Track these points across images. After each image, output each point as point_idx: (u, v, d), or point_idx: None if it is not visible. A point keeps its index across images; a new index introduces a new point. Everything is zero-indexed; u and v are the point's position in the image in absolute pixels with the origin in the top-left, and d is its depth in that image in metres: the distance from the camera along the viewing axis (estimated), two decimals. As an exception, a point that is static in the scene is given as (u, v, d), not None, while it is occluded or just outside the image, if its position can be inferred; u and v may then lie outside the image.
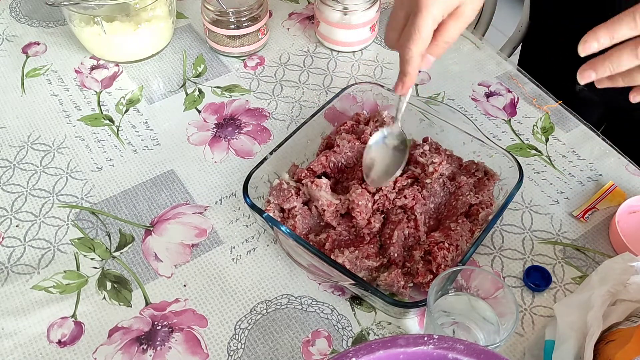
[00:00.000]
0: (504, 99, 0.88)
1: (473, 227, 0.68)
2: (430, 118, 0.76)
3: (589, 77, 0.56)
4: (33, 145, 0.81)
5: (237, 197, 0.76)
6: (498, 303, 0.58)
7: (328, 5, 0.89)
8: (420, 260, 0.66)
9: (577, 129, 0.84)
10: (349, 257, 0.64)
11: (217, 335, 0.64)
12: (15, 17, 0.99)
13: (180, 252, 0.70)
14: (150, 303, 0.66)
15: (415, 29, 0.56)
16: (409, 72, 0.60)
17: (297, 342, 0.64)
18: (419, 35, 0.56)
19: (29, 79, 0.90)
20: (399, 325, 0.66)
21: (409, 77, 0.60)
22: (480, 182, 0.72)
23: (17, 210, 0.74)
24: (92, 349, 0.63)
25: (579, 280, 0.69)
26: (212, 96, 0.88)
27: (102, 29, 0.86)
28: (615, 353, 0.53)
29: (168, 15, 0.90)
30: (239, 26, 0.89)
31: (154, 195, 0.76)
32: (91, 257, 0.70)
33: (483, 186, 0.71)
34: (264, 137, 0.83)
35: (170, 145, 0.82)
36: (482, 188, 0.71)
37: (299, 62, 0.93)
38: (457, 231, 0.67)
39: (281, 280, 0.68)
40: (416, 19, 0.56)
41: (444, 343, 0.43)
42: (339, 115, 0.79)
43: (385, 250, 0.67)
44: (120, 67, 0.92)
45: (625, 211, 0.72)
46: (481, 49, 0.96)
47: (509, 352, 0.64)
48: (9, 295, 0.67)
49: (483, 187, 0.71)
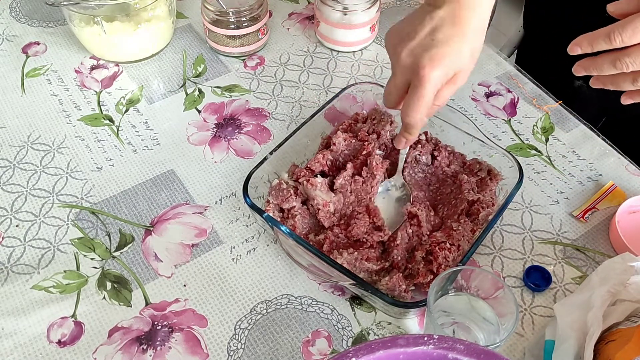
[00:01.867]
0: (504, 99, 0.88)
1: (474, 227, 0.68)
2: (430, 118, 0.76)
3: (579, 72, 0.61)
4: (33, 145, 0.81)
5: (237, 197, 0.76)
6: (498, 303, 0.58)
7: (328, 5, 0.89)
8: (422, 261, 0.66)
9: (577, 129, 0.84)
10: (348, 259, 0.64)
11: (217, 335, 0.64)
12: (15, 17, 0.99)
13: (180, 252, 0.70)
14: (150, 303, 0.66)
15: (419, 99, 0.60)
16: (413, 134, 0.65)
17: (297, 342, 0.64)
18: (422, 104, 0.60)
19: (29, 79, 0.90)
20: (399, 325, 0.66)
21: (413, 137, 0.66)
22: (483, 182, 0.72)
23: (17, 210, 0.74)
24: (92, 349, 0.63)
25: (579, 280, 0.69)
26: (212, 96, 0.88)
27: (102, 29, 0.86)
28: (615, 353, 0.53)
29: (168, 15, 0.90)
30: (239, 26, 0.89)
31: (154, 195, 0.76)
32: (91, 257, 0.70)
33: (485, 186, 0.71)
34: (264, 137, 0.83)
35: (170, 145, 0.82)
36: (484, 188, 0.71)
37: (299, 62, 0.93)
38: (459, 231, 0.67)
39: (281, 280, 0.68)
40: (420, 90, 0.59)
41: (444, 343, 0.43)
42: (339, 115, 0.79)
43: (388, 253, 0.67)
44: (120, 67, 0.92)
45: (625, 211, 0.72)
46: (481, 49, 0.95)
47: (509, 352, 0.64)
48: (9, 295, 0.67)
49: (485, 187, 0.71)
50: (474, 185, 0.71)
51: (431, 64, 0.58)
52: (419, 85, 0.59)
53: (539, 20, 1.05)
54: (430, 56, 0.58)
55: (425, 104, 0.60)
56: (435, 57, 0.58)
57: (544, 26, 1.02)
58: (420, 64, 0.58)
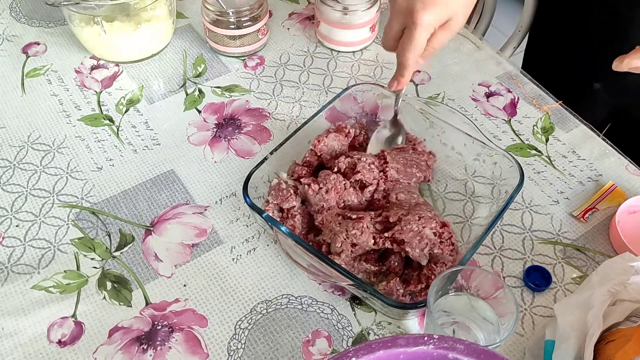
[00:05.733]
0: (504, 99, 0.88)
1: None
2: (430, 119, 0.76)
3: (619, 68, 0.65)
4: (33, 145, 0.81)
5: (237, 197, 0.76)
6: (498, 303, 0.58)
7: (328, 5, 0.89)
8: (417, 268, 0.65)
9: (577, 129, 0.84)
10: (345, 260, 0.64)
11: (217, 335, 0.64)
12: (15, 17, 0.99)
13: (180, 252, 0.70)
14: (150, 303, 0.66)
15: (412, 41, 0.65)
16: (405, 75, 0.69)
17: (297, 342, 0.64)
18: (415, 46, 0.65)
19: (29, 79, 0.90)
20: (399, 325, 0.66)
21: (405, 78, 0.70)
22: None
23: (17, 210, 0.74)
24: (92, 349, 0.63)
25: (579, 280, 0.69)
26: (212, 96, 0.88)
27: (102, 29, 0.86)
28: (615, 353, 0.53)
29: (168, 15, 0.90)
30: (239, 26, 0.89)
31: (154, 195, 0.76)
32: (91, 257, 0.70)
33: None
34: (264, 137, 0.83)
35: (171, 145, 0.82)
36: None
37: (299, 62, 0.93)
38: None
39: (281, 280, 0.68)
40: (412, 32, 0.64)
41: (444, 343, 0.43)
42: (339, 116, 0.79)
43: (385, 258, 0.67)
44: (120, 67, 0.92)
45: (625, 211, 0.72)
46: (481, 49, 0.96)
47: (509, 352, 0.64)
48: (9, 295, 0.67)
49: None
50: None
51: (424, 7, 0.63)
52: (412, 27, 0.64)
53: (550, 22, 1.05)
54: (423, 0, 0.63)
55: (419, 45, 0.65)
56: (428, 2, 0.63)
57: (555, 28, 1.02)
58: (414, 7, 0.63)
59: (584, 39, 0.62)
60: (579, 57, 0.71)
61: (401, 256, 0.66)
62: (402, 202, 0.68)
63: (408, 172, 0.72)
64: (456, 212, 0.74)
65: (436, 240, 0.63)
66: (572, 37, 0.96)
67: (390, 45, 0.70)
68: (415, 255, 0.63)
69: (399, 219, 0.64)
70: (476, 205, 0.74)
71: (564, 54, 1.01)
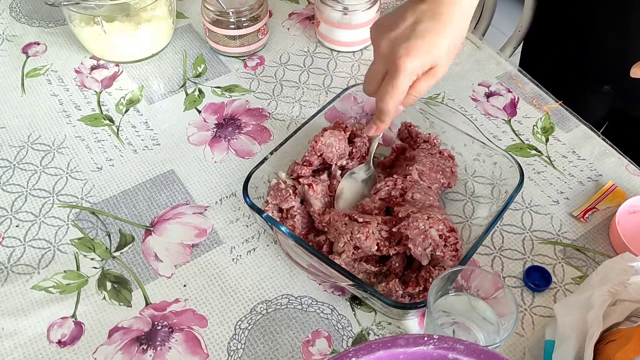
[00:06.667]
0: (504, 99, 0.88)
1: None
2: (430, 119, 0.76)
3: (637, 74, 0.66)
4: (33, 145, 0.81)
5: (237, 197, 0.76)
6: (498, 303, 0.58)
7: (328, 5, 0.89)
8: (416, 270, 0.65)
9: (577, 129, 0.84)
10: (346, 260, 0.64)
11: (217, 335, 0.64)
12: (15, 17, 0.99)
13: (180, 252, 0.70)
14: (150, 303, 0.66)
15: (394, 87, 0.62)
16: (385, 121, 0.66)
17: (297, 342, 0.64)
18: (396, 92, 0.62)
19: (29, 79, 0.90)
20: (399, 326, 0.66)
21: (385, 124, 0.66)
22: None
23: (17, 210, 0.74)
24: (92, 349, 0.63)
25: (579, 280, 0.69)
26: (212, 96, 0.88)
27: (102, 29, 0.86)
28: (615, 353, 0.53)
29: (168, 15, 0.90)
30: (239, 26, 0.89)
31: (154, 195, 0.76)
32: (91, 257, 0.70)
33: None
34: (264, 137, 0.83)
35: (170, 145, 0.82)
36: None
37: (299, 62, 0.93)
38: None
39: (281, 281, 0.68)
40: (394, 78, 0.61)
41: (444, 343, 0.43)
42: (339, 116, 0.79)
43: (386, 259, 0.67)
44: (120, 67, 0.92)
45: (625, 211, 0.72)
46: (481, 49, 0.96)
47: (509, 352, 0.64)
48: (9, 295, 0.67)
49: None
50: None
51: (407, 54, 0.60)
52: (394, 73, 0.61)
53: (551, 21, 1.04)
54: (407, 47, 0.60)
55: (399, 92, 0.62)
56: (412, 48, 0.60)
57: (556, 27, 1.02)
58: (398, 53, 0.60)
59: (584, 38, 0.61)
60: (579, 56, 0.70)
61: (402, 258, 0.66)
62: (416, 201, 0.68)
63: (432, 177, 0.71)
64: (456, 212, 0.74)
65: (440, 242, 0.63)
66: (572, 37, 0.96)
67: (371, 89, 0.66)
68: (417, 253, 0.63)
69: (408, 215, 0.64)
70: (476, 205, 0.74)
71: (564, 53, 1.01)
